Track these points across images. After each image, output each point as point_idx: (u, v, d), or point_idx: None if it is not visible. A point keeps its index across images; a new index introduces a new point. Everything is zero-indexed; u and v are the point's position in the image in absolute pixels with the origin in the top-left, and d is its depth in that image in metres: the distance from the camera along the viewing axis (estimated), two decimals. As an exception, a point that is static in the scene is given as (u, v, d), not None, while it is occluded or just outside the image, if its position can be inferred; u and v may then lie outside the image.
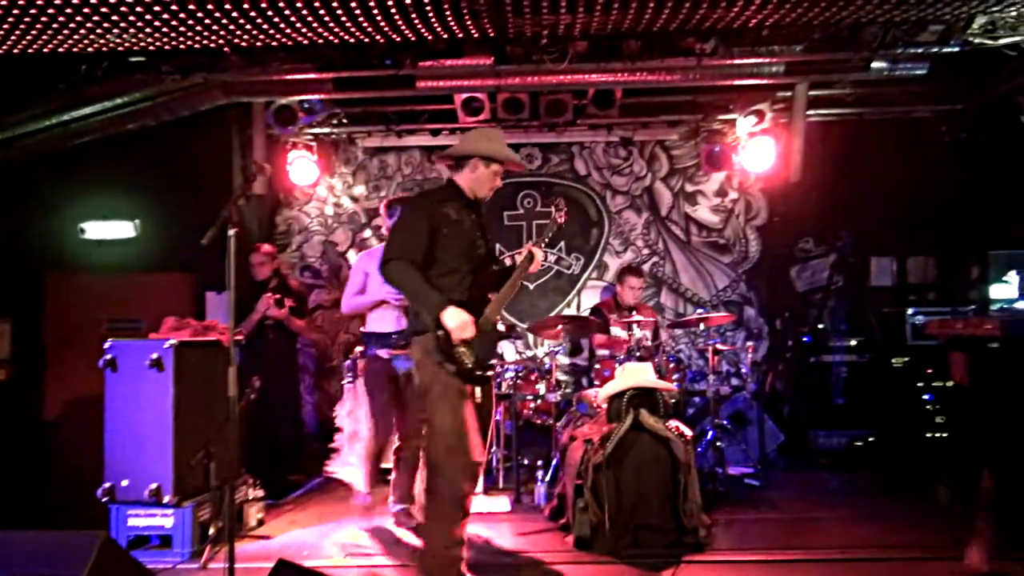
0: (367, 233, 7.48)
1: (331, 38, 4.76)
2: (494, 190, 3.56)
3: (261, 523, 4.69)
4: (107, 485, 4.15)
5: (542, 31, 4.89)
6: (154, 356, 4.13)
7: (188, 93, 5.61)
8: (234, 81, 5.57)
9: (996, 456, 4.68)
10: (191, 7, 4.12)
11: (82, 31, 4.38)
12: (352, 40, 4.79)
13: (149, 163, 6.29)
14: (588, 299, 7.27)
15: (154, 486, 4.09)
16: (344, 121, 6.95)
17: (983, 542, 3.59)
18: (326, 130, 7.03)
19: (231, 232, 3.06)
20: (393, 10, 4.31)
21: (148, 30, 4.43)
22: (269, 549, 4.28)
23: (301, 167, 6.80)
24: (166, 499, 4.09)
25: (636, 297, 6.12)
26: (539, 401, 5.69)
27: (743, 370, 6.87)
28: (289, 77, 5.56)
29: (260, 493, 4.72)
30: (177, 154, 6.33)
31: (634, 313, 5.70)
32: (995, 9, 4.50)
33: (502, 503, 5.07)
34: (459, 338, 3.21)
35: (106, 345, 4.24)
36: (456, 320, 3.20)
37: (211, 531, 4.17)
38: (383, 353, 4.58)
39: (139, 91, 5.46)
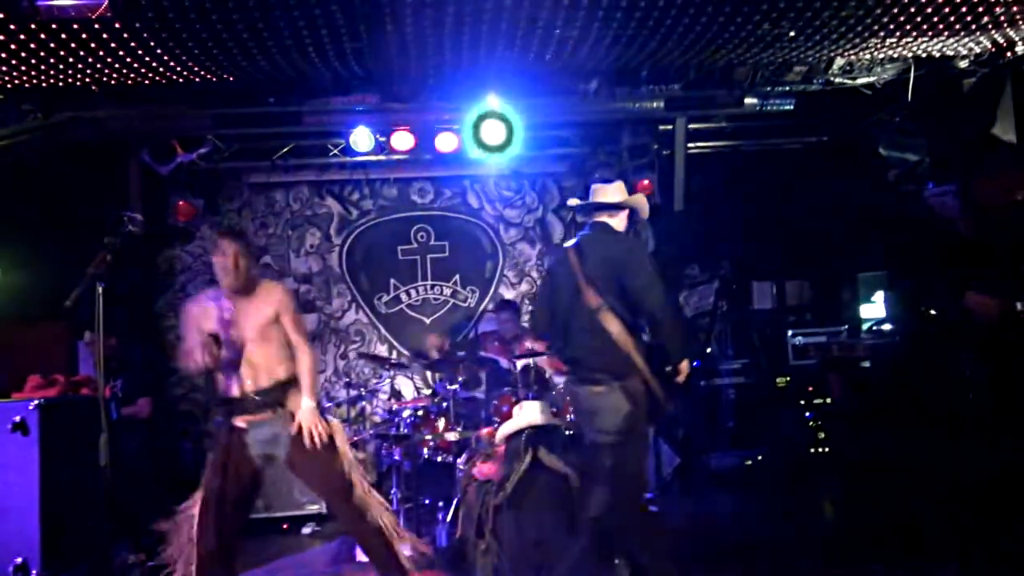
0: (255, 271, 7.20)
1: (209, 76, 4.59)
2: None
3: (144, 588, 4.39)
4: (-35, 563, 3.80)
5: (428, 70, 4.90)
6: (17, 419, 3.83)
7: (55, 131, 5.27)
8: (106, 117, 5.27)
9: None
10: (52, 46, 3.89)
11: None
12: (231, 78, 4.65)
13: (15, 203, 5.83)
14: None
15: (20, 561, 3.78)
16: (227, 156, 6.70)
17: None
18: (209, 166, 6.74)
19: (100, 290, 2.88)
20: (273, 50, 4.21)
21: (3, 68, 4.16)
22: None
23: (182, 204, 6.50)
24: (34, 574, 3.78)
25: (508, 331, 6.15)
26: (439, 439, 5.60)
27: (638, 396, 7.00)
28: (166, 113, 5.33)
29: (141, 556, 4.41)
30: (48, 194, 5.92)
31: (515, 345, 5.73)
32: (851, 52, 4.84)
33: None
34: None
35: (-39, 409, 3.90)
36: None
37: (87, 605, 3.89)
38: (240, 422, 3.46)
39: (-4, 130, 5.10)
